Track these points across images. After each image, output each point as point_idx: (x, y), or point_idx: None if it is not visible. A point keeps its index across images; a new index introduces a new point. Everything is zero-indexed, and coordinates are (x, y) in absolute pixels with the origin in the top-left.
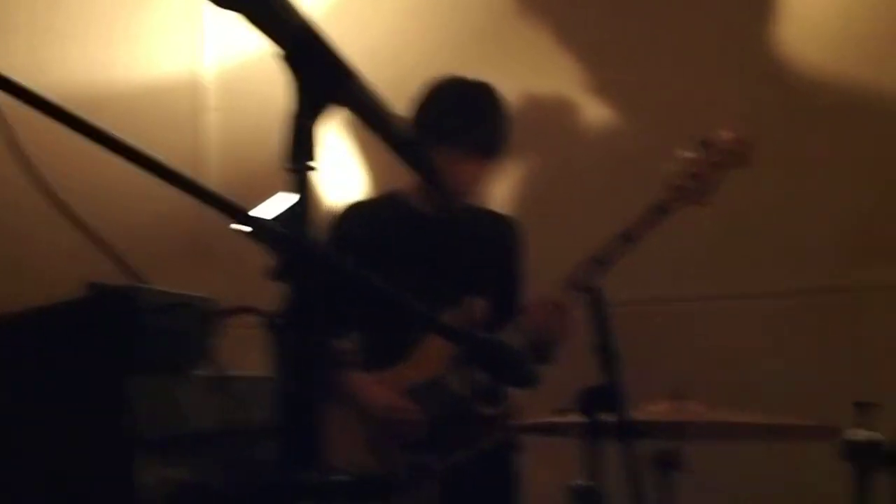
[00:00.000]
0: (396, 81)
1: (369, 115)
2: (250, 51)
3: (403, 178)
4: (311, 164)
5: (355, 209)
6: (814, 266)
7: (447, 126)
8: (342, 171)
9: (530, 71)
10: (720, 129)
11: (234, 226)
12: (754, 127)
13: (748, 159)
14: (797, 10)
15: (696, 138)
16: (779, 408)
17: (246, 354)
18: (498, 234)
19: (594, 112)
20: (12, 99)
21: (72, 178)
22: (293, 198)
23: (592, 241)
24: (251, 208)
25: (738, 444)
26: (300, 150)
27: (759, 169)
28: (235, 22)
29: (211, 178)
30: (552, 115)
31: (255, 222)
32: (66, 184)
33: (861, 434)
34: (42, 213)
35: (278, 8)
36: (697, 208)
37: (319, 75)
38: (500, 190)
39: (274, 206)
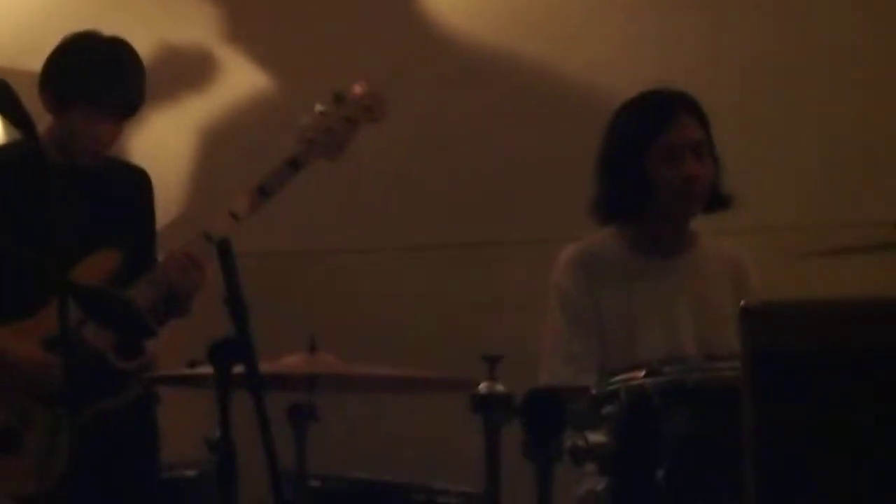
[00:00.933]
0: (31, 37)
1: None
2: None
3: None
4: None
5: None
6: (447, 221)
7: (81, 86)
8: None
9: (167, 20)
10: (354, 84)
11: None
12: (392, 84)
13: (381, 114)
14: None
15: (331, 92)
16: (414, 360)
17: None
18: (129, 185)
19: (233, 64)
20: None
21: None
22: None
23: (232, 193)
24: None
25: (373, 396)
26: None
27: (394, 124)
28: None
29: None
30: (191, 66)
31: None
32: None
33: (489, 387)
34: None
35: None
36: (332, 161)
37: None
38: (136, 142)
39: None
